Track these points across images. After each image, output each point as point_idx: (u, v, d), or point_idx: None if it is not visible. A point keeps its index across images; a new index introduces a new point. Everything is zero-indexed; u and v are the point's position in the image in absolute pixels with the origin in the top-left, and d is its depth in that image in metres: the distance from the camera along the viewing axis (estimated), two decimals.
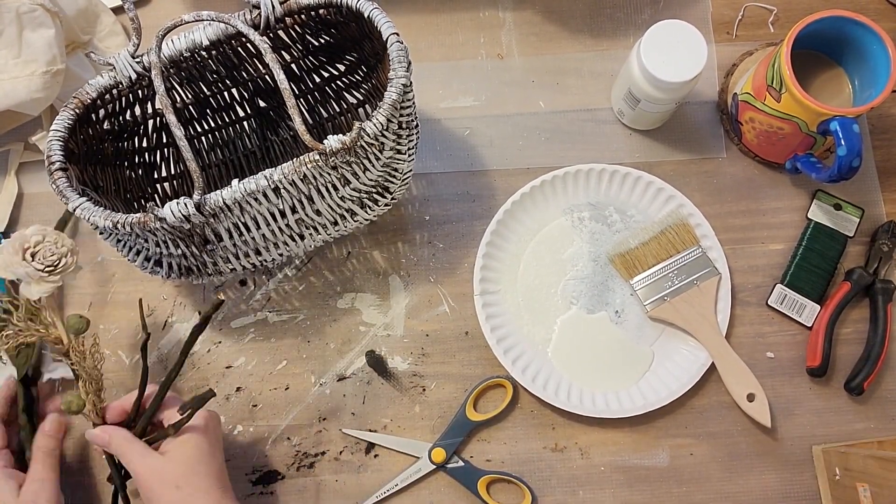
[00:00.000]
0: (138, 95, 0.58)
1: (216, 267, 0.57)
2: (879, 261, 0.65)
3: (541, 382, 0.62)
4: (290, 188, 0.51)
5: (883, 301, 0.64)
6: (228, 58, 0.59)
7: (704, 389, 0.64)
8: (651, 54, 0.60)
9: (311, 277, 0.66)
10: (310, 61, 0.63)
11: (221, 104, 0.64)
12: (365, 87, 0.65)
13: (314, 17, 0.56)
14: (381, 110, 0.50)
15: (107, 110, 0.56)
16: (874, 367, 0.62)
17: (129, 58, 0.53)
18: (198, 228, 0.51)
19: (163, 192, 0.65)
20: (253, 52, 0.59)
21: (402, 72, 0.50)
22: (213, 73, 0.60)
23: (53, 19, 0.61)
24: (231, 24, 0.49)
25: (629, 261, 0.65)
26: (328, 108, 0.67)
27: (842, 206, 0.66)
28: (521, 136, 0.70)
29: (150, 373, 0.64)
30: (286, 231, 0.56)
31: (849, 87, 0.63)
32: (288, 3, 0.54)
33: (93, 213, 0.49)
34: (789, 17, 0.72)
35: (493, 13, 0.72)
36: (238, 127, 0.66)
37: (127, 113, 0.58)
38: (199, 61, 0.58)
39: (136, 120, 0.60)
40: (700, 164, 0.69)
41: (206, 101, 0.63)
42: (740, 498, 0.62)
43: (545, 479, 0.63)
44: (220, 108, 0.64)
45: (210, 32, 0.55)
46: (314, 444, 0.63)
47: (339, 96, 0.66)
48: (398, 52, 0.50)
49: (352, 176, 0.53)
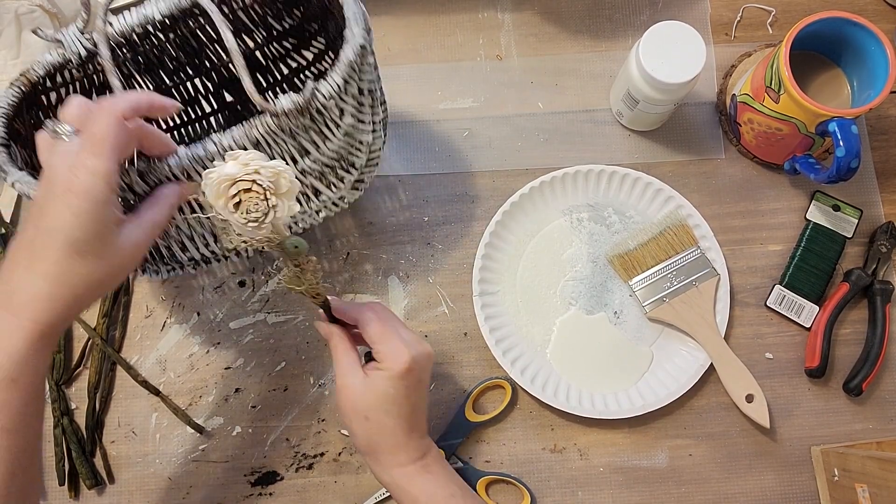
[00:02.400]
0: (94, 82, 0.54)
1: (172, 254, 0.54)
2: (878, 262, 0.65)
3: (540, 383, 0.62)
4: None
5: (881, 302, 0.64)
6: (188, 41, 0.56)
7: (703, 390, 0.64)
8: (650, 55, 0.60)
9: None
10: (275, 48, 0.61)
11: (185, 97, 0.62)
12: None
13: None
14: (336, 69, 0.47)
15: (59, 94, 0.53)
16: (873, 368, 0.62)
17: (77, 33, 0.50)
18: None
19: None
20: (214, 36, 0.57)
21: (358, 30, 0.47)
22: (172, 60, 0.58)
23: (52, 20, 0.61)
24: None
25: (628, 262, 0.65)
26: None
27: (840, 208, 0.66)
28: (520, 137, 0.70)
29: (148, 375, 0.64)
30: None
31: (847, 88, 0.64)
32: None
33: (33, 187, 0.46)
34: (788, 18, 0.72)
35: (492, 14, 0.72)
36: (205, 123, 0.64)
37: (80, 93, 0.55)
38: (157, 44, 0.55)
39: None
40: (699, 164, 0.69)
41: (168, 92, 0.60)
42: (739, 499, 0.62)
43: (544, 479, 0.63)
44: (185, 101, 0.62)
45: (163, 7, 0.51)
46: (313, 446, 0.63)
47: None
48: (353, 10, 0.48)
49: (310, 144, 0.50)
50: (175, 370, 0.65)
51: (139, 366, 0.65)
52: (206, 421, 0.64)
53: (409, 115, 0.70)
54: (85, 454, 0.62)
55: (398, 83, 0.71)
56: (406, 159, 0.69)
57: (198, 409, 0.64)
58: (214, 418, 0.64)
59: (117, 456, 0.63)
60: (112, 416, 0.64)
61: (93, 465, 0.62)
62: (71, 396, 0.64)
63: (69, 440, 0.62)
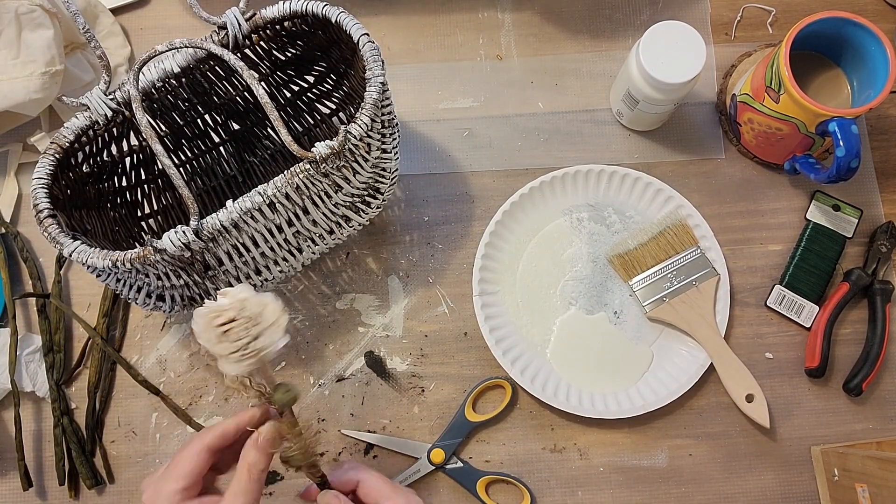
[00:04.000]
0: (113, 134, 0.56)
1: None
2: (878, 262, 0.65)
3: (540, 383, 0.62)
4: (285, 201, 0.50)
5: (881, 302, 0.64)
6: (199, 83, 0.58)
7: (703, 390, 0.64)
8: (650, 55, 0.60)
9: (310, 278, 0.66)
10: (279, 76, 0.63)
11: (196, 132, 0.63)
12: (337, 96, 0.65)
13: (280, 30, 0.56)
14: (364, 110, 0.50)
15: (85, 152, 0.55)
16: (873, 368, 0.62)
17: (102, 95, 0.52)
18: (198, 255, 0.51)
19: (148, 228, 0.63)
20: (222, 74, 0.59)
21: (378, 70, 0.50)
22: (185, 101, 0.59)
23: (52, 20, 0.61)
24: (205, 48, 0.49)
25: (628, 261, 0.65)
26: (302, 121, 0.67)
27: (840, 207, 0.66)
28: (520, 136, 0.70)
29: (148, 375, 0.64)
30: (284, 246, 0.55)
31: (847, 88, 0.64)
32: (254, 20, 0.53)
33: (90, 256, 0.48)
34: (788, 18, 0.72)
35: (492, 14, 0.72)
36: (215, 153, 0.65)
37: (104, 153, 0.57)
38: (171, 90, 0.57)
39: (114, 159, 0.58)
40: (699, 164, 0.69)
41: (180, 130, 0.62)
42: (739, 499, 0.62)
43: (544, 479, 0.63)
44: (196, 136, 0.63)
45: (180, 59, 0.53)
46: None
47: (312, 108, 0.66)
48: (371, 51, 0.50)
49: (343, 181, 0.53)
50: (175, 370, 0.65)
51: (139, 366, 0.65)
52: (206, 421, 0.64)
53: (409, 115, 0.70)
54: (85, 454, 0.62)
55: (398, 83, 0.71)
56: (406, 159, 0.69)
57: (198, 409, 0.64)
58: (214, 418, 0.64)
59: (117, 456, 0.63)
60: (112, 416, 0.64)
61: (93, 465, 0.62)
62: (71, 396, 0.64)
63: (69, 440, 0.62)
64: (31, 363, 0.63)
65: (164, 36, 0.72)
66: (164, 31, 0.72)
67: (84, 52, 0.68)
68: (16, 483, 0.61)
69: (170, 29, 0.72)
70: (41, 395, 0.63)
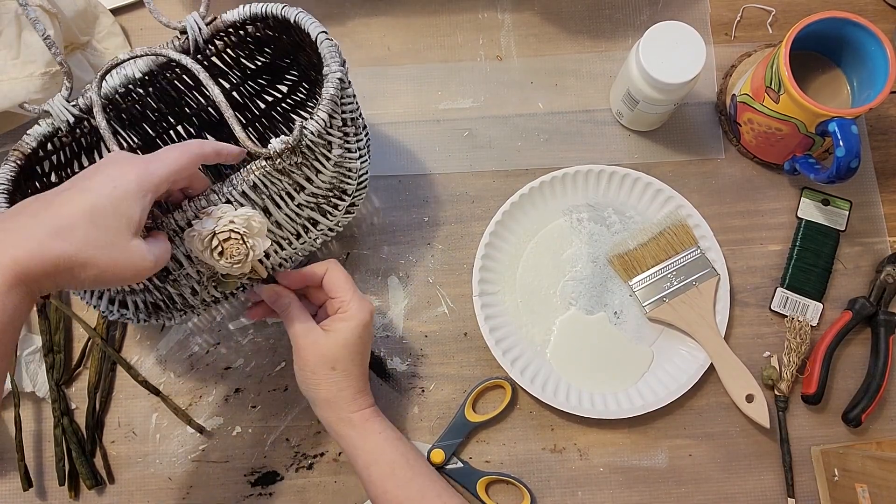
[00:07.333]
0: (82, 144, 0.56)
1: (184, 300, 0.55)
2: (884, 292, 0.64)
3: (540, 383, 0.62)
4: (243, 200, 0.50)
5: (885, 333, 0.63)
6: (166, 91, 0.58)
7: (703, 390, 0.64)
8: (650, 55, 0.60)
9: None
10: (250, 87, 0.63)
11: (170, 143, 0.62)
12: (311, 105, 0.65)
13: (244, 36, 0.56)
14: (321, 106, 0.49)
15: (52, 162, 0.54)
16: (873, 400, 0.62)
17: (63, 101, 0.51)
18: None
19: None
20: (192, 83, 0.59)
21: (335, 66, 0.50)
22: (154, 111, 0.59)
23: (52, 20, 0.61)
24: (162, 53, 0.49)
25: (628, 262, 0.65)
26: (278, 132, 0.67)
27: (830, 201, 0.66)
28: (520, 137, 0.70)
29: (148, 375, 0.64)
30: None
31: (847, 88, 0.64)
32: (214, 24, 0.53)
33: None
34: (788, 18, 0.72)
35: (492, 14, 0.72)
36: None
37: (74, 164, 0.57)
38: (138, 99, 0.56)
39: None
40: (699, 165, 0.69)
41: (153, 142, 0.62)
42: (739, 499, 0.62)
43: (544, 479, 0.63)
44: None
45: (142, 65, 0.53)
46: (313, 445, 0.63)
47: (288, 118, 0.66)
48: (329, 48, 0.50)
49: (304, 180, 0.53)
50: (175, 370, 0.65)
51: (139, 366, 0.65)
52: (206, 421, 0.64)
53: (409, 115, 0.70)
54: (85, 454, 0.62)
55: (398, 83, 0.71)
56: (406, 159, 0.69)
57: (198, 409, 0.64)
58: (214, 418, 0.64)
59: (117, 456, 0.63)
60: (112, 416, 0.64)
61: (93, 465, 0.62)
62: (71, 396, 0.64)
63: (69, 440, 0.62)
64: (31, 363, 0.63)
65: (165, 36, 0.71)
66: (164, 32, 0.71)
67: (84, 52, 0.68)
68: (16, 483, 0.61)
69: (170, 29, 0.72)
70: (41, 395, 0.63)
